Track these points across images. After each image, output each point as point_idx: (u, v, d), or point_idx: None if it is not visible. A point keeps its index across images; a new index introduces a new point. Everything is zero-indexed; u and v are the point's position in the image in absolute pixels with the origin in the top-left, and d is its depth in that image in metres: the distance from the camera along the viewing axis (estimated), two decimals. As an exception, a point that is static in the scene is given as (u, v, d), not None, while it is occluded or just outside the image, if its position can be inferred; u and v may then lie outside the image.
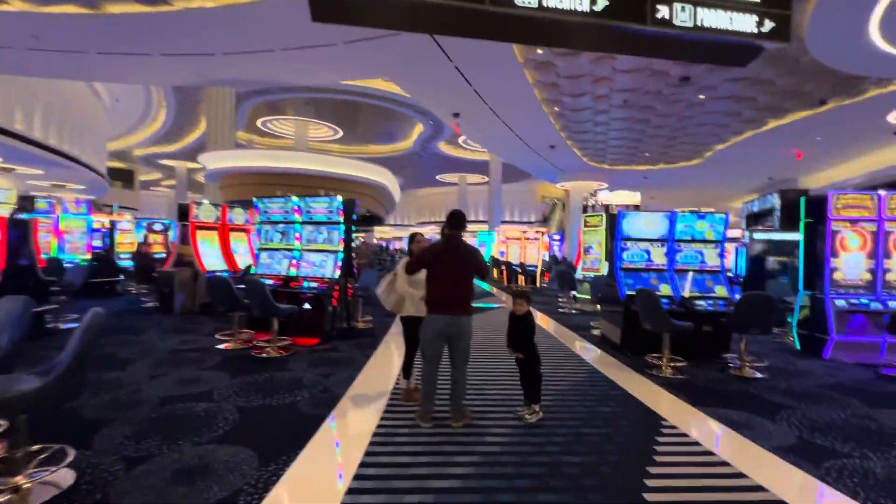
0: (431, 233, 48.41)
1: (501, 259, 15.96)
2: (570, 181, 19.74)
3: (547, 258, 16.74)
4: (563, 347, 5.91)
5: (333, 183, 15.91)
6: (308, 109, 20.87)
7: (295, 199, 6.03)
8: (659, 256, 5.76)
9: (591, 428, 3.23)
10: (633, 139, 13.87)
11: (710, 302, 5.40)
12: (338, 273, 5.77)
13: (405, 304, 3.65)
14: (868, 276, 5.65)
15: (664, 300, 5.38)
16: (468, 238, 4.40)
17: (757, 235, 10.21)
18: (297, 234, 6.11)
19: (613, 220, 5.91)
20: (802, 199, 6.12)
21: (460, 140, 24.16)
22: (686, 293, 5.51)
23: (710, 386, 4.32)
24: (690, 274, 5.66)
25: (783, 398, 4.00)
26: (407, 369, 3.76)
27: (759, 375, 4.66)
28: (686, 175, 18.28)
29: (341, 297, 5.97)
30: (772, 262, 9.19)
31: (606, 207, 7.37)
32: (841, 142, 13.12)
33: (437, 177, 36.67)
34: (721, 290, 5.53)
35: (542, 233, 16.20)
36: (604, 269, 9.31)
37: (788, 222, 13.83)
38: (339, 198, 5.79)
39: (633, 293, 5.33)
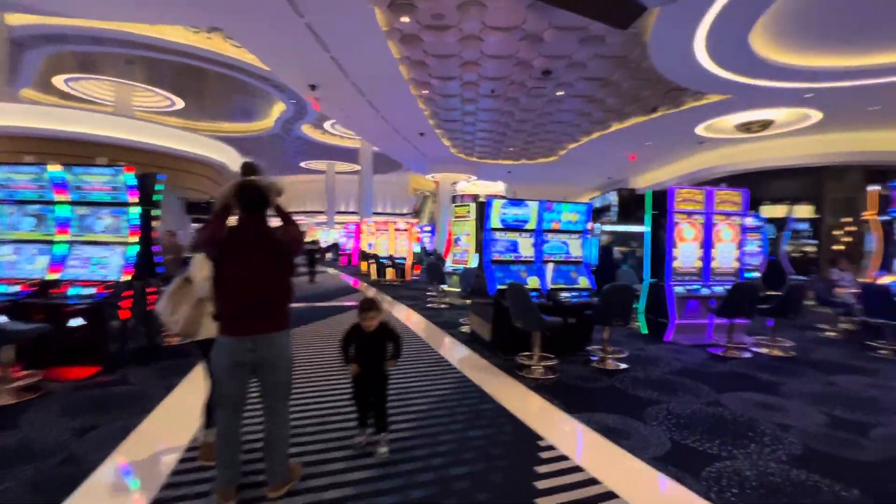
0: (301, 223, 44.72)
1: (370, 252, 14.98)
2: (439, 172, 19.62)
3: (418, 250, 16.28)
4: (430, 349, 5.26)
5: (161, 160, 12.96)
6: (133, 71, 16.71)
7: (55, 168, 4.16)
8: (527, 248, 5.48)
9: (460, 467, 2.55)
10: (499, 132, 14.11)
11: (575, 294, 5.28)
12: (129, 276, 4.17)
13: (201, 322, 2.48)
14: (699, 264, 6.20)
15: (532, 293, 5.09)
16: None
17: (606, 227, 11.08)
18: (64, 221, 4.27)
19: (483, 210, 5.45)
20: (649, 193, 6.48)
21: (327, 125, 22.23)
22: (551, 285, 5.32)
23: (581, 385, 4.08)
24: (550, 265, 5.49)
25: (646, 391, 3.92)
26: (210, 414, 2.58)
27: (622, 367, 4.63)
28: (544, 171, 19.62)
29: (137, 307, 4.36)
30: (616, 252, 10.00)
31: (475, 197, 7.06)
32: (663, 147, 15.25)
33: (303, 163, 33.65)
34: (584, 281, 5.47)
35: (413, 224, 15.67)
36: (472, 260, 9.04)
37: (623, 216, 15.73)
38: (127, 170, 4.15)
39: (504, 287, 4.94)
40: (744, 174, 14.65)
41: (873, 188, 6.49)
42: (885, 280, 6.15)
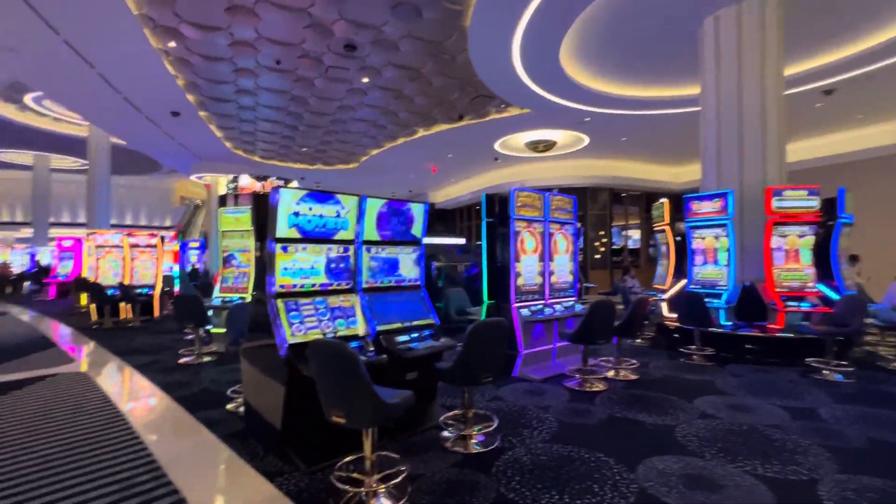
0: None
1: (91, 280, 10.05)
2: (209, 172, 15.46)
3: (176, 273, 11.97)
4: (153, 469, 2.63)
5: None
6: None
7: None
8: (339, 270, 3.44)
9: None
10: (289, 125, 11.53)
11: (416, 335, 3.52)
12: None
13: None
14: (540, 280, 5.32)
15: (354, 343, 3.10)
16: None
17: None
18: None
19: (263, 208, 3.18)
20: (484, 196, 5.33)
21: (29, 99, 14.90)
22: (381, 325, 3.43)
23: (451, 511, 2.30)
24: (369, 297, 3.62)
25: (536, 484, 2.42)
26: None
27: (490, 445, 3.06)
28: (343, 181, 17.70)
29: None
30: (434, 267, 8.85)
31: (255, 195, 4.72)
32: (463, 161, 15.36)
33: (-8, 153, 22.62)
34: (429, 316, 3.76)
35: (168, 238, 11.43)
36: (251, 289, 6.36)
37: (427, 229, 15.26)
38: None
39: (303, 340, 2.80)
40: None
41: (663, 200, 6.97)
42: (679, 286, 6.54)
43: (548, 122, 11.19)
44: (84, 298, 10.88)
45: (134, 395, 4.43)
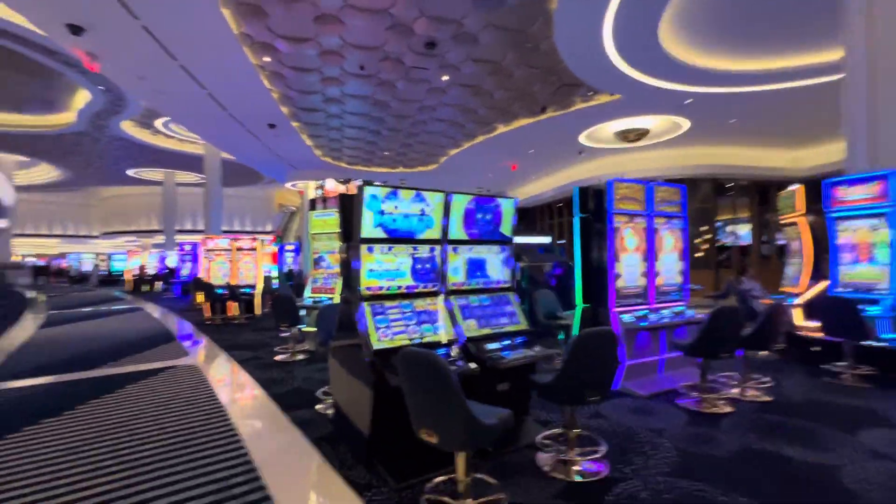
0: (125, 245, 36.09)
1: (205, 280, 11.22)
2: (302, 180, 16.55)
3: (275, 274, 12.94)
4: (243, 469, 2.64)
5: None
6: None
7: None
8: (424, 271, 3.25)
9: None
10: (372, 129, 11.87)
11: (507, 341, 3.22)
12: None
13: None
14: (643, 282, 4.72)
15: (441, 350, 2.89)
16: None
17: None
18: None
19: (349, 207, 3.11)
20: (576, 190, 4.85)
21: (158, 123, 17.30)
22: (469, 331, 3.17)
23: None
24: (460, 300, 3.36)
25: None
26: None
27: (596, 471, 2.65)
28: (422, 182, 17.94)
29: None
30: (518, 268, 8.44)
31: (341, 195, 4.84)
32: (544, 156, 14.70)
33: (131, 172, 26.66)
34: (521, 318, 3.44)
35: (267, 241, 12.38)
36: (339, 291, 6.52)
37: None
38: None
39: (390, 346, 2.65)
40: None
41: (795, 186, 5.89)
42: (817, 289, 5.46)
43: (641, 107, 10.21)
44: (200, 297, 12.18)
45: (235, 390, 4.67)
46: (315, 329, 6.46)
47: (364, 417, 2.75)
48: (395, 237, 3.04)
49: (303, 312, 6.46)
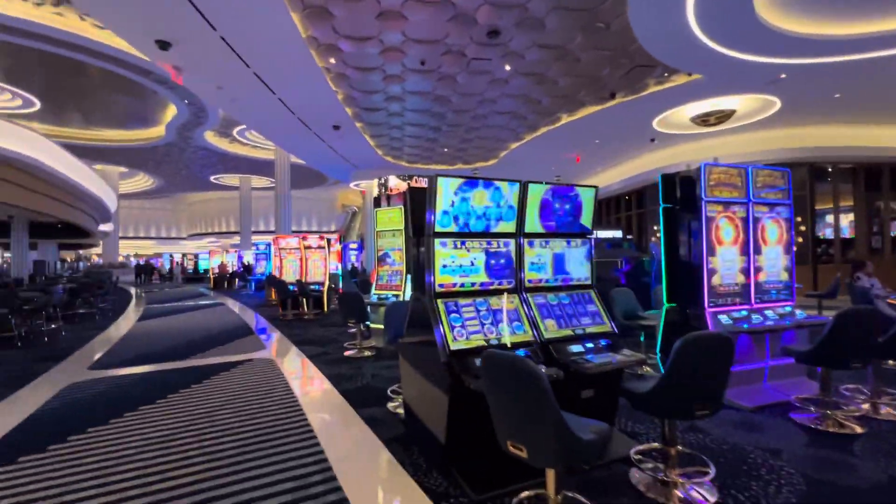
0: (207, 246, 39.39)
1: (277, 277, 11.82)
2: (364, 179, 16.97)
3: (339, 271, 13.37)
4: (316, 468, 2.59)
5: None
6: None
7: None
8: (498, 266, 3.04)
9: None
10: (432, 126, 11.83)
11: (590, 345, 2.93)
12: None
13: None
14: (742, 279, 4.18)
15: (521, 353, 2.67)
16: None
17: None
18: None
19: (419, 200, 3.00)
20: (661, 177, 4.40)
21: (235, 131, 18.75)
22: (548, 332, 2.92)
23: None
24: (535, 298, 3.10)
25: None
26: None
27: (703, 500, 2.30)
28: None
29: None
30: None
31: (410, 187, 4.69)
32: (611, 147, 13.88)
33: (213, 178, 29.16)
34: (604, 319, 3.14)
35: (332, 240, 12.81)
36: (406, 288, 6.49)
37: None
38: None
39: (467, 347, 2.48)
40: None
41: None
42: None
43: (725, 86, 9.24)
44: (273, 293, 12.87)
45: (308, 384, 4.76)
46: (382, 326, 6.50)
47: (439, 422, 2.61)
48: (468, 231, 2.87)
49: (368, 309, 6.52)
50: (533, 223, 3.08)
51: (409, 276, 6.44)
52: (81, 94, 15.66)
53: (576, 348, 2.87)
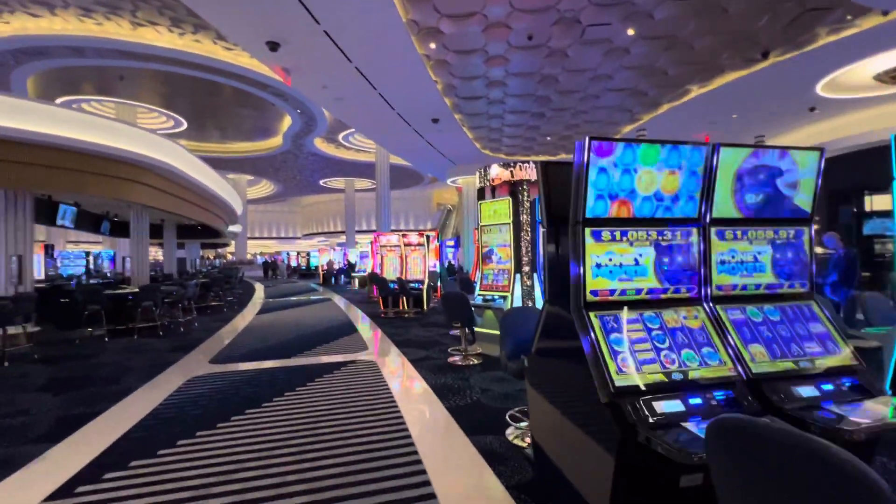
0: (317, 245, 42.80)
1: (378, 275, 11.90)
2: (461, 175, 16.57)
3: (437, 269, 13.11)
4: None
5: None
6: (130, 88, 14.95)
7: None
8: (679, 267, 2.18)
9: None
10: (535, 112, 10.90)
11: (832, 386, 1.92)
12: None
13: None
14: None
15: (719, 394, 1.80)
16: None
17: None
18: None
19: (563, 185, 2.26)
20: (893, 137, 3.07)
21: (340, 136, 19.82)
22: (755, 364, 1.98)
23: None
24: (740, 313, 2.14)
25: None
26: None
27: None
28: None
29: None
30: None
31: (544, 162, 3.98)
32: (754, 120, 11.57)
33: (322, 182, 31.54)
34: (844, 350, 2.10)
35: (431, 237, 12.56)
36: (515, 289, 5.76)
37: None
38: None
39: (647, 383, 1.68)
40: (869, 149, 10.83)
41: None
42: None
43: (939, 25, 6.90)
44: (374, 290, 13.05)
45: (413, 398, 4.28)
46: (489, 331, 5.86)
47: (596, 487, 1.85)
48: (633, 218, 2.05)
49: (473, 311, 5.92)
50: (726, 205, 2.14)
51: (536, 277, 5.71)
52: (217, 111, 17.66)
53: (806, 391, 1.89)
